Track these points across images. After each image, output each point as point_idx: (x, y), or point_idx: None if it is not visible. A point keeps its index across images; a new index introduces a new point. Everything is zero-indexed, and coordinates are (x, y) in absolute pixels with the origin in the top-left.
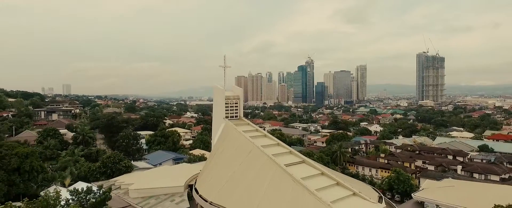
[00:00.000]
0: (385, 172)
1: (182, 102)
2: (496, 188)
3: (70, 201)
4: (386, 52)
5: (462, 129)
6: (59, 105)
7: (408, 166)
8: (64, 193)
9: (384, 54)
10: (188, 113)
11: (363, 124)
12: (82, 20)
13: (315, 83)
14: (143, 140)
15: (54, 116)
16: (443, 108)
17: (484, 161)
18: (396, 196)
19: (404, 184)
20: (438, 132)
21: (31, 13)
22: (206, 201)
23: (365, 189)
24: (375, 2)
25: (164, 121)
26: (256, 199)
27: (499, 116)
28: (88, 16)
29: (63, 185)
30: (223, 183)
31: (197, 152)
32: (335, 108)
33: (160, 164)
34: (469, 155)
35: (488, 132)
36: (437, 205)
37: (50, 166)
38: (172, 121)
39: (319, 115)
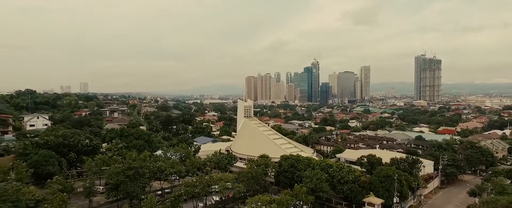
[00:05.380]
0: (334, 148)
1: (198, 101)
2: (373, 151)
3: (173, 152)
4: (401, 50)
5: (426, 125)
6: (110, 105)
7: (353, 146)
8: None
9: (398, 52)
10: (209, 112)
11: (351, 121)
12: (101, 21)
13: (320, 83)
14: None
15: (115, 114)
16: (431, 108)
17: (402, 143)
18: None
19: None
20: (406, 128)
21: (51, 13)
22: (237, 153)
23: (310, 150)
24: (389, 1)
25: (196, 118)
26: (257, 150)
27: (473, 115)
28: (106, 16)
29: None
30: (243, 146)
31: (225, 137)
32: (335, 107)
33: (205, 143)
34: (397, 140)
35: (441, 128)
36: (345, 159)
37: None
38: (200, 118)
39: (319, 114)
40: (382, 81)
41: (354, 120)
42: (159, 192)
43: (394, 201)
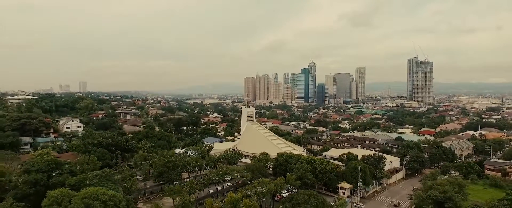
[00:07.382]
0: (322, 147)
1: (198, 101)
2: (353, 149)
3: (192, 150)
4: (399, 50)
5: (410, 126)
6: (119, 106)
7: (338, 145)
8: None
9: (396, 52)
10: (212, 113)
11: (343, 122)
12: (100, 20)
13: (317, 84)
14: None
15: (128, 116)
16: (420, 109)
17: (381, 143)
18: None
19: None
20: (392, 129)
21: (50, 12)
22: (242, 151)
23: (301, 149)
24: (387, 2)
25: (201, 120)
26: (259, 149)
27: (457, 116)
28: (106, 16)
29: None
30: (247, 145)
31: (229, 137)
32: (330, 108)
33: (213, 143)
34: (378, 140)
35: (422, 129)
36: (330, 156)
37: None
38: (204, 119)
39: (314, 115)
40: (379, 81)
41: (346, 121)
42: (187, 180)
43: (358, 185)
